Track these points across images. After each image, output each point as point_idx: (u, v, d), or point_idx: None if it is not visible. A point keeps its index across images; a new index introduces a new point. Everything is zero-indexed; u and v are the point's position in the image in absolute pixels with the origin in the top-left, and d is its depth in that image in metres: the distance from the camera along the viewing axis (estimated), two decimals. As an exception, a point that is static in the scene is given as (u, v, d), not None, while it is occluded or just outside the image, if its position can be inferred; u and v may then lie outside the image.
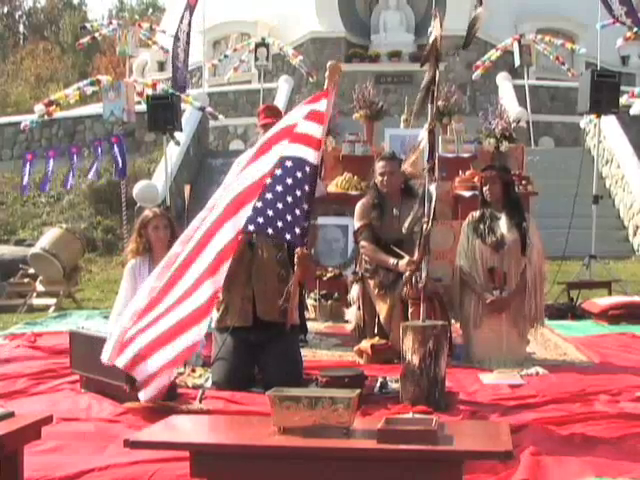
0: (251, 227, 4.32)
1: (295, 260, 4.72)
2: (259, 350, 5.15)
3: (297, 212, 4.34)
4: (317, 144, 4.41)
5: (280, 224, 4.33)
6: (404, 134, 8.57)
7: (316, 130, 4.43)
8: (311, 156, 4.39)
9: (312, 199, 4.42)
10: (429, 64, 4.92)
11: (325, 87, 4.81)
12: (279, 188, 4.35)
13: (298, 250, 4.65)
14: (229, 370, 5.11)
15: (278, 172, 4.38)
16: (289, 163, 4.39)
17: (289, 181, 4.36)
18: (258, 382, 5.13)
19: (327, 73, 4.79)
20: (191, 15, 17.08)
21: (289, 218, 4.34)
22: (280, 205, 4.33)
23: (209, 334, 6.06)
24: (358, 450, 3.05)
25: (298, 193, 4.35)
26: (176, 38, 16.81)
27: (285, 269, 5.19)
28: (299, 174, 4.36)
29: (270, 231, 4.35)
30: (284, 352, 5.12)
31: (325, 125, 4.50)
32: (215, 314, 5.34)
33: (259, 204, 4.32)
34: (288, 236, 4.40)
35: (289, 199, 4.34)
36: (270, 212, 4.32)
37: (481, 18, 5.08)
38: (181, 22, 17.08)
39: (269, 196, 4.34)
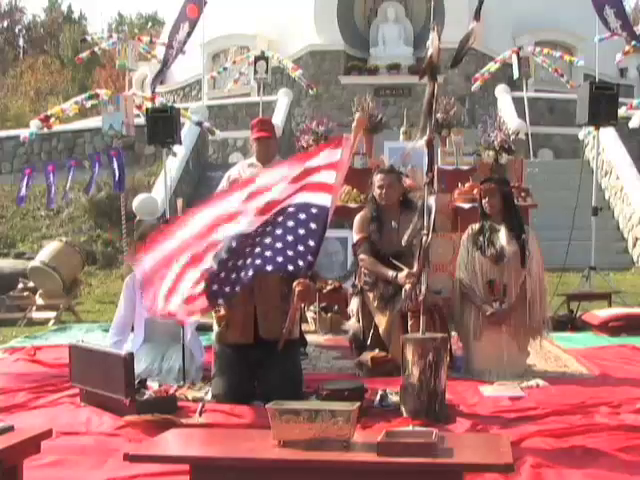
0: (250, 273, 4.32)
1: (294, 287, 4.69)
2: (259, 366, 5.12)
3: (300, 248, 4.29)
4: (329, 189, 4.36)
5: (280, 259, 4.29)
6: (403, 147, 8.58)
7: (328, 177, 4.38)
8: (319, 199, 4.34)
9: (320, 237, 4.35)
10: (427, 77, 4.93)
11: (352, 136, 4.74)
12: (278, 231, 4.32)
13: (300, 280, 4.62)
14: (229, 386, 5.09)
15: (279, 219, 4.36)
16: (291, 209, 4.36)
17: (290, 223, 4.33)
18: (258, 396, 5.10)
19: (354, 124, 4.74)
20: (191, 28, 17.14)
21: (290, 253, 4.29)
22: (279, 244, 4.30)
23: (209, 346, 6.07)
24: (358, 463, 3.05)
25: (301, 232, 4.31)
26: (170, 46, 16.84)
27: (288, 286, 5.02)
28: (302, 216, 4.32)
29: (269, 268, 4.31)
30: (284, 372, 5.06)
31: (340, 172, 4.43)
32: (216, 328, 5.33)
33: (257, 249, 4.30)
34: (290, 267, 4.33)
35: (289, 238, 4.31)
36: (268, 253, 4.30)
37: (474, 34, 5.09)
38: (177, 32, 17.11)
39: (267, 240, 4.33)
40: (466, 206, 8.03)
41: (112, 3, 72.63)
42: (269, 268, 4.27)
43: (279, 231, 4.31)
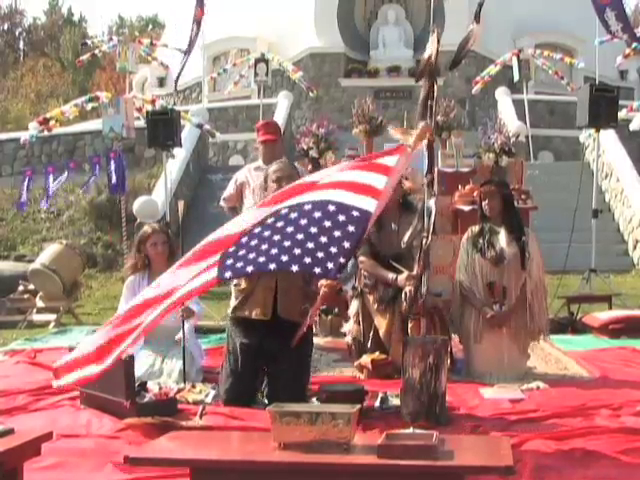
0: (272, 266, 4.08)
1: (320, 286, 4.62)
2: (271, 360, 5.03)
3: (333, 250, 4.05)
4: (376, 193, 4.19)
5: (308, 260, 4.05)
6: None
7: (378, 181, 4.23)
8: (364, 203, 4.15)
9: (357, 241, 4.15)
10: (424, 79, 4.93)
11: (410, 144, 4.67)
12: (313, 230, 4.11)
13: (327, 282, 4.54)
14: (238, 383, 5.02)
15: (317, 214, 4.16)
16: (332, 207, 4.16)
17: (327, 224, 4.11)
18: (260, 403, 5.06)
19: (417, 132, 4.67)
20: (198, 28, 17.25)
21: (320, 255, 4.04)
22: (311, 245, 4.07)
23: (209, 349, 6.06)
24: (358, 465, 3.05)
25: (337, 234, 4.07)
26: (188, 52, 16.95)
27: None
28: (342, 217, 4.10)
29: (295, 268, 4.07)
30: (293, 370, 5.01)
31: (392, 178, 4.32)
32: (233, 301, 5.19)
33: (287, 243, 4.09)
34: (317, 269, 4.06)
35: (323, 239, 4.07)
36: (297, 251, 4.06)
37: (474, 36, 5.09)
38: (191, 37, 17.23)
39: (299, 236, 4.10)
40: (466, 208, 8.02)
41: (112, 5, 72.80)
42: (295, 268, 4.08)
43: (314, 229, 4.10)
